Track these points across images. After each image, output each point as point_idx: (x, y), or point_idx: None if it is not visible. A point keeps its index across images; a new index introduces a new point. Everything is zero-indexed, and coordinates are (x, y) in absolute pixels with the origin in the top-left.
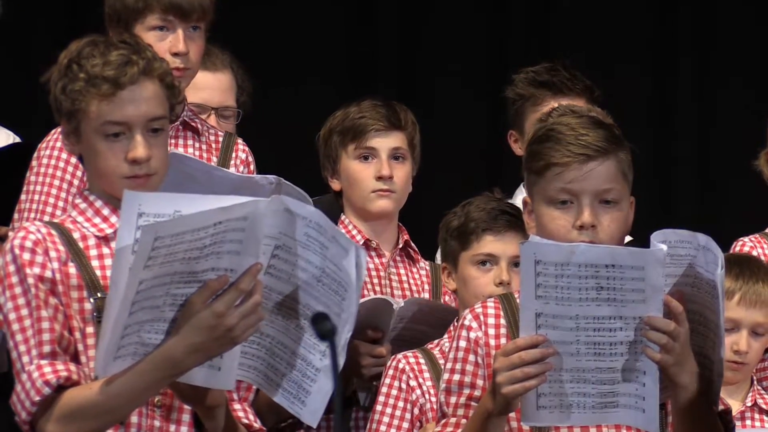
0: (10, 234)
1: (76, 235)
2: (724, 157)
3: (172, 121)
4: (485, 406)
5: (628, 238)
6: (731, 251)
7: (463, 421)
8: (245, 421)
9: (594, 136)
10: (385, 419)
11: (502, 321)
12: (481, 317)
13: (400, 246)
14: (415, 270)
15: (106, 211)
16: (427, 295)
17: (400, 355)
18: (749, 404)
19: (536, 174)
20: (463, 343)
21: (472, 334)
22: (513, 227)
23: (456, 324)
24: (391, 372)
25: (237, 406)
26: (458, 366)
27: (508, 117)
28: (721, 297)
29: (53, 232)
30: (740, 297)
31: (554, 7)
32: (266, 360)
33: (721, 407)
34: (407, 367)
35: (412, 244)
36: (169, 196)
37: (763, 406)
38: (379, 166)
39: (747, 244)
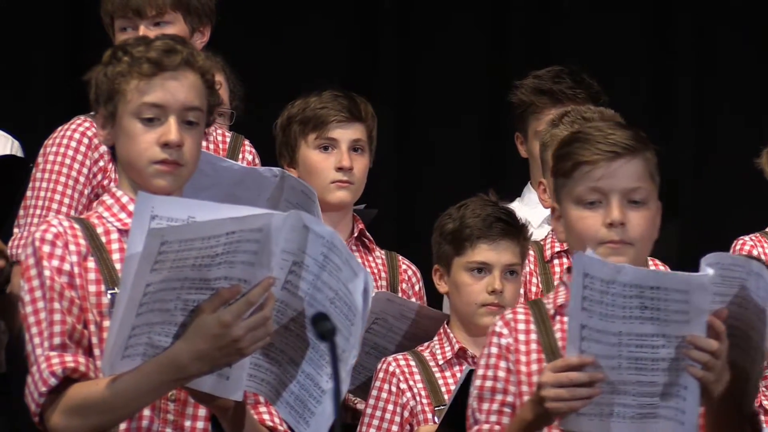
0: (20, 232)
1: (99, 230)
2: (724, 156)
3: (208, 124)
4: (523, 416)
5: None
6: (731, 250)
7: (497, 427)
8: (270, 423)
9: (621, 134)
10: (375, 422)
11: (532, 327)
12: (512, 323)
13: (356, 235)
14: (371, 259)
15: (132, 206)
16: (384, 284)
17: (390, 358)
18: None
19: (564, 176)
20: (494, 350)
21: (503, 341)
22: (507, 235)
23: (441, 331)
24: (381, 375)
25: (262, 408)
26: (490, 372)
27: (513, 119)
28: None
29: (76, 226)
30: None
31: (554, 11)
32: (277, 374)
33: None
34: (397, 370)
35: (367, 234)
36: (185, 201)
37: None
38: (339, 157)
39: (747, 243)
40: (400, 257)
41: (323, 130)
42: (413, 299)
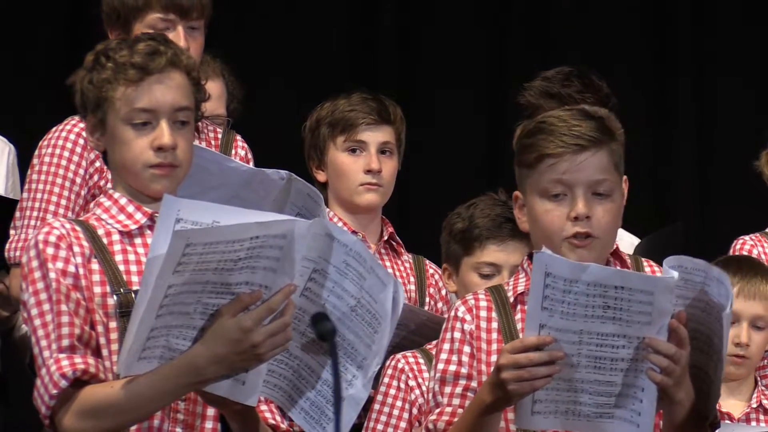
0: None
1: (100, 232)
2: (724, 156)
3: (197, 119)
4: (482, 399)
5: (634, 241)
6: (732, 249)
7: (459, 410)
8: (272, 422)
9: (587, 126)
10: (383, 418)
11: (494, 314)
12: (474, 310)
13: (385, 239)
14: (399, 263)
15: (130, 208)
16: (412, 287)
17: (399, 355)
18: (754, 405)
19: (528, 167)
20: (458, 335)
21: (467, 326)
22: (517, 236)
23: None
24: (390, 372)
25: (264, 407)
26: (454, 357)
27: (521, 120)
28: (726, 332)
29: (77, 228)
30: (739, 290)
31: (554, 9)
32: (291, 380)
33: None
34: (406, 367)
35: (397, 237)
36: (210, 206)
37: None
38: (368, 160)
39: (747, 243)
40: (427, 261)
41: (352, 133)
42: (440, 303)
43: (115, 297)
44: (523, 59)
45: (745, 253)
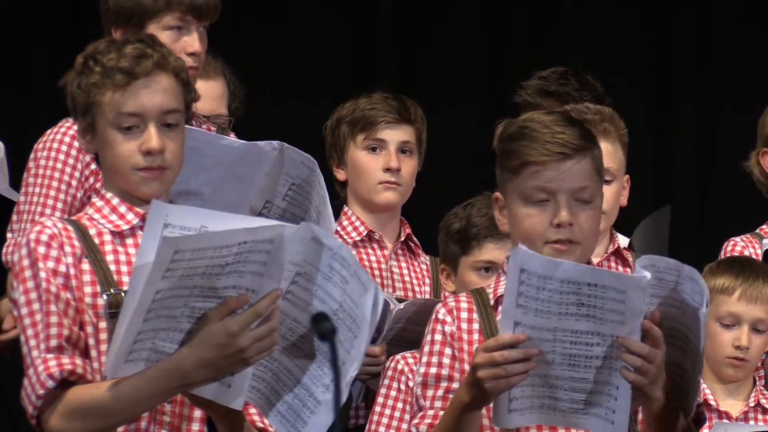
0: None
1: (92, 232)
2: (725, 157)
3: (187, 119)
4: (460, 399)
5: (625, 241)
6: (723, 251)
7: (441, 413)
8: (260, 425)
9: (570, 134)
10: (384, 420)
11: (475, 316)
12: (455, 311)
13: (402, 239)
14: (416, 264)
15: (122, 209)
16: (427, 289)
17: (398, 356)
18: (752, 404)
19: (511, 172)
20: (438, 337)
21: (447, 328)
22: None
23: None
24: (390, 373)
25: (252, 410)
26: (435, 359)
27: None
28: (704, 330)
29: (69, 227)
30: (741, 293)
31: (555, 13)
32: (270, 383)
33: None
34: (406, 368)
35: (414, 238)
36: (198, 211)
37: (767, 406)
38: (387, 158)
39: (739, 244)
40: None
41: (372, 131)
42: None
43: (105, 297)
44: (523, 63)
45: (736, 254)
